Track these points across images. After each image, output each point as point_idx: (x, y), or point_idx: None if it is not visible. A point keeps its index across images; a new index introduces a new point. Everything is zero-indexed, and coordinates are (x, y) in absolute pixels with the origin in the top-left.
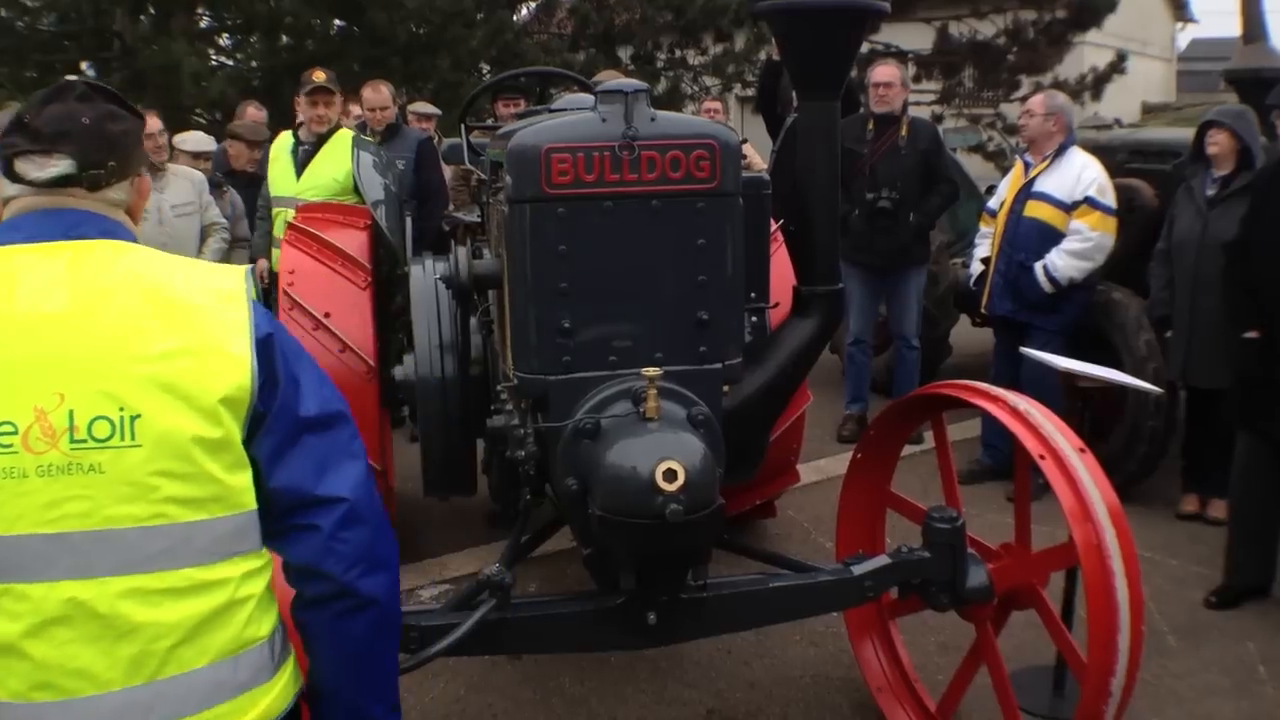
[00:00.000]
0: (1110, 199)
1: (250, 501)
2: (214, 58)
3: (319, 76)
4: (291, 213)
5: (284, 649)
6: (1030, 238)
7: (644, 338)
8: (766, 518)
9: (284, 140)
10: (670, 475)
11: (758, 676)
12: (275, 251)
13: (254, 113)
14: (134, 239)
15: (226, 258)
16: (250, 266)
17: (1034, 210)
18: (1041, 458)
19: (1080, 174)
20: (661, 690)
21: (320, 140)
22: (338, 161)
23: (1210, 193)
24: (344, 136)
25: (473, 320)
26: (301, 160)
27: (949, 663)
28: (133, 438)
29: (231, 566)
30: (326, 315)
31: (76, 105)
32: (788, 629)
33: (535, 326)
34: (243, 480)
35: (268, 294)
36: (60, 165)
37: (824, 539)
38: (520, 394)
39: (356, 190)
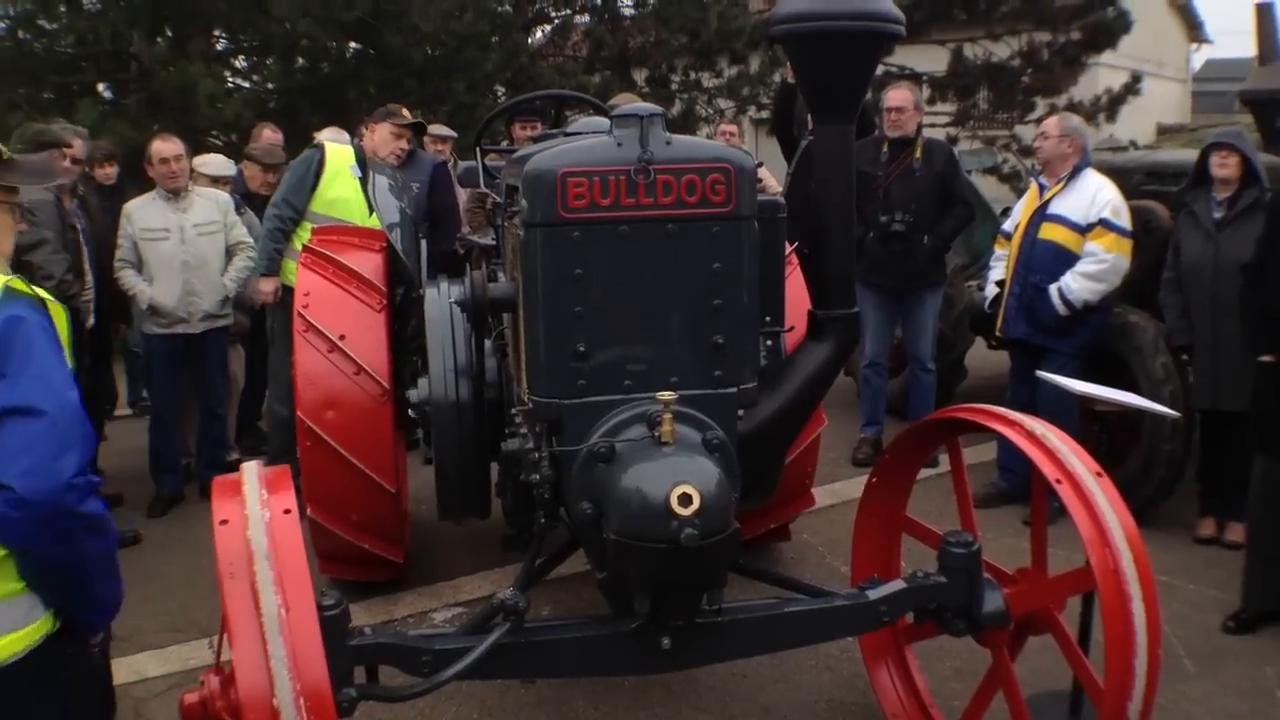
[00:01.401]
0: (1125, 221)
1: None
2: (230, 80)
3: (408, 114)
4: None
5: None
6: (1045, 260)
7: (659, 362)
8: (781, 541)
9: (343, 161)
10: (685, 500)
11: (772, 701)
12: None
13: (270, 135)
14: None
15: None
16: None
17: (1049, 232)
18: (1059, 482)
19: (1095, 196)
20: (675, 714)
21: (368, 174)
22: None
23: (1218, 215)
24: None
25: (487, 343)
26: (368, 192)
27: (964, 688)
28: None
29: None
30: (342, 337)
31: None
32: (802, 653)
33: (550, 350)
34: None
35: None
36: None
37: (839, 562)
38: (535, 418)
39: None
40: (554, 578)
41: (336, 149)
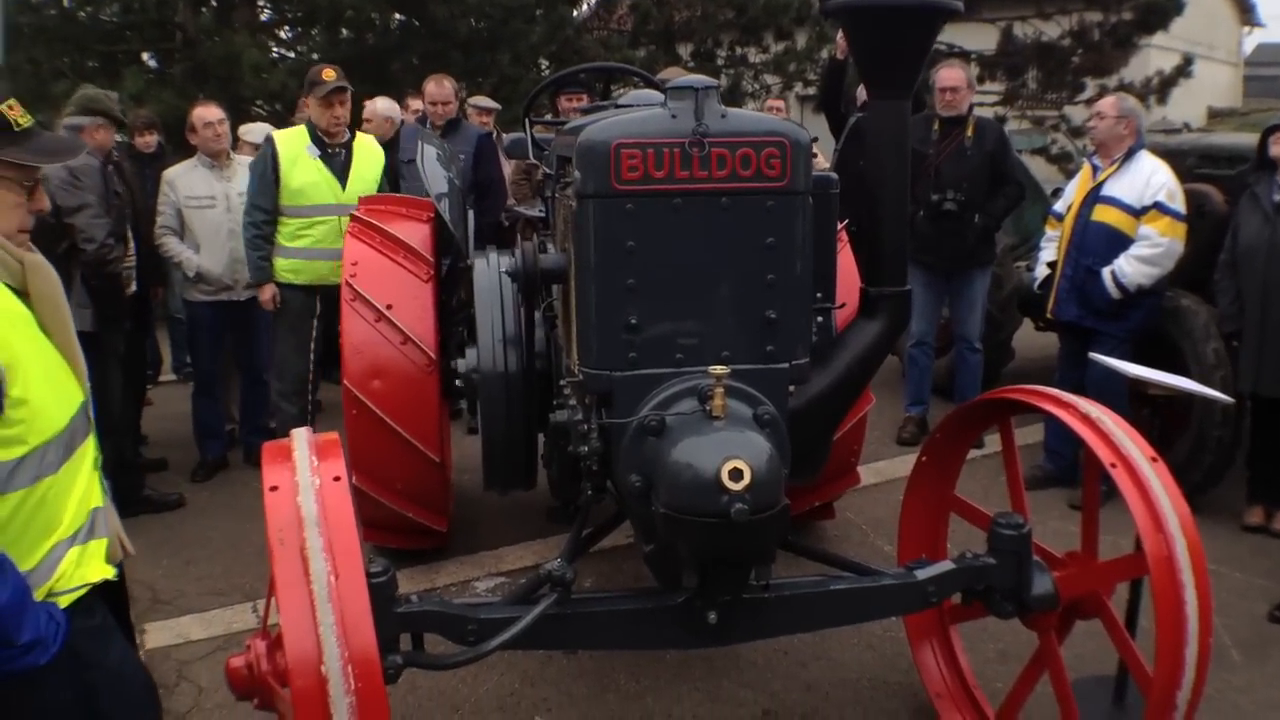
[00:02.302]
0: (1180, 204)
1: None
2: (275, 50)
3: (330, 75)
4: (338, 221)
5: None
6: (1098, 242)
7: (711, 335)
8: (825, 519)
9: (295, 145)
10: (736, 474)
11: (814, 678)
12: (310, 264)
13: None
14: None
15: None
16: None
17: (1102, 214)
18: (1113, 466)
19: (1150, 178)
20: (717, 689)
21: (348, 143)
22: (373, 163)
23: (1278, 198)
24: (365, 139)
25: (536, 315)
26: (340, 166)
27: (1008, 671)
28: None
29: None
30: (389, 307)
31: None
32: (845, 632)
33: (601, 322)
34: None
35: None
36: None
37: (882, 542)
38: (585, 389)
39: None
40: (596, 550)
41: (285, 136)
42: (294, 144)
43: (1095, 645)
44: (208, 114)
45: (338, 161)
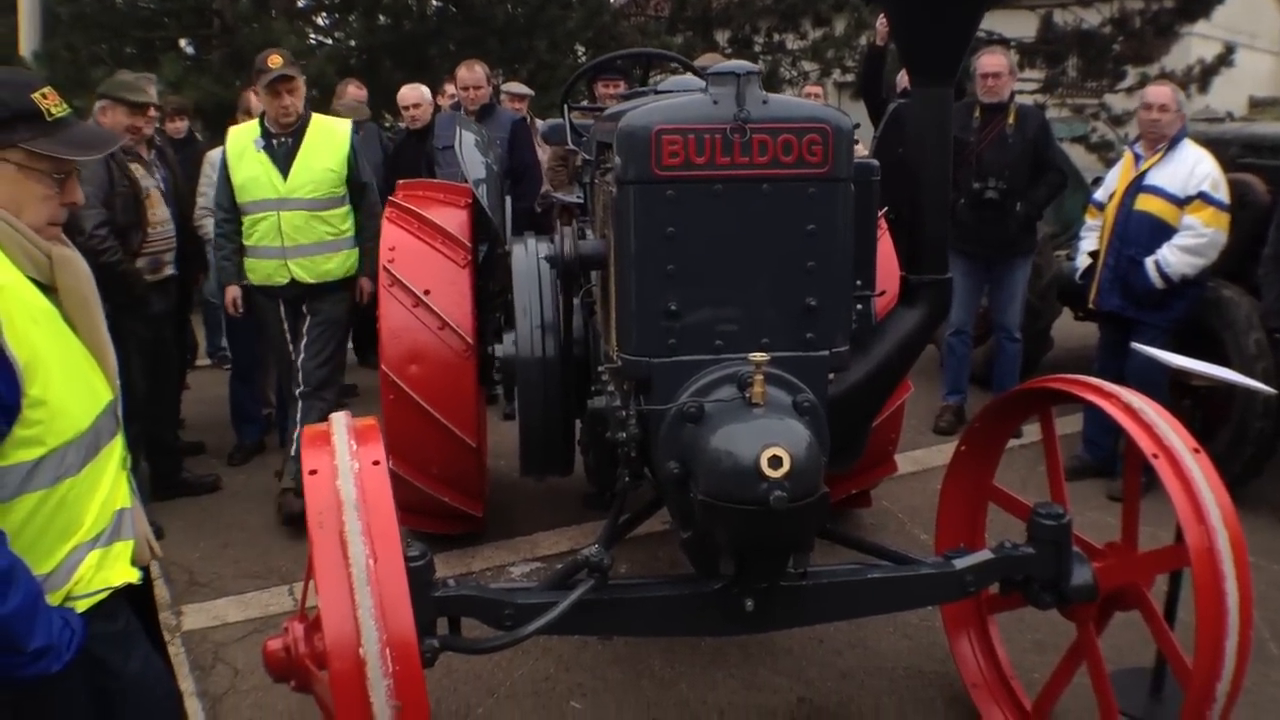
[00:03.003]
0: (1224, 194)
1: None
2: (312, 36)
3: (276, 62)
4: (277, 216)
5: None
6: (1141, 232)
7: (750, 322)
8: (862, 508)
9: (244, 138)
10: (775, 462)
11: (850, 667)
12: (258, 263)
13: (354, 91)
14: None
15: None
16: None
17: (1145, 204)
18: (1155, 457)
19: (1194, 168)
20: (752, 676)
21: (298, 132)
22: (330, 150)
23: None
24: (326, 123)
25: (574, 300)
26: (283, 157)
27: (1044, 661)
28: None
29: None
30: (426, 292)
31: None
32: (881, 621)
33: (641, 308)
34: None
35: (238, 323)
36: None
37: (919, 531)
38: (623, 375)
39: (350, 179)
40: (632, 537)
41: (237, 130)
42: (243, 137)
43: (1132, 637)
44: (246, 102)
45: (282, 152)
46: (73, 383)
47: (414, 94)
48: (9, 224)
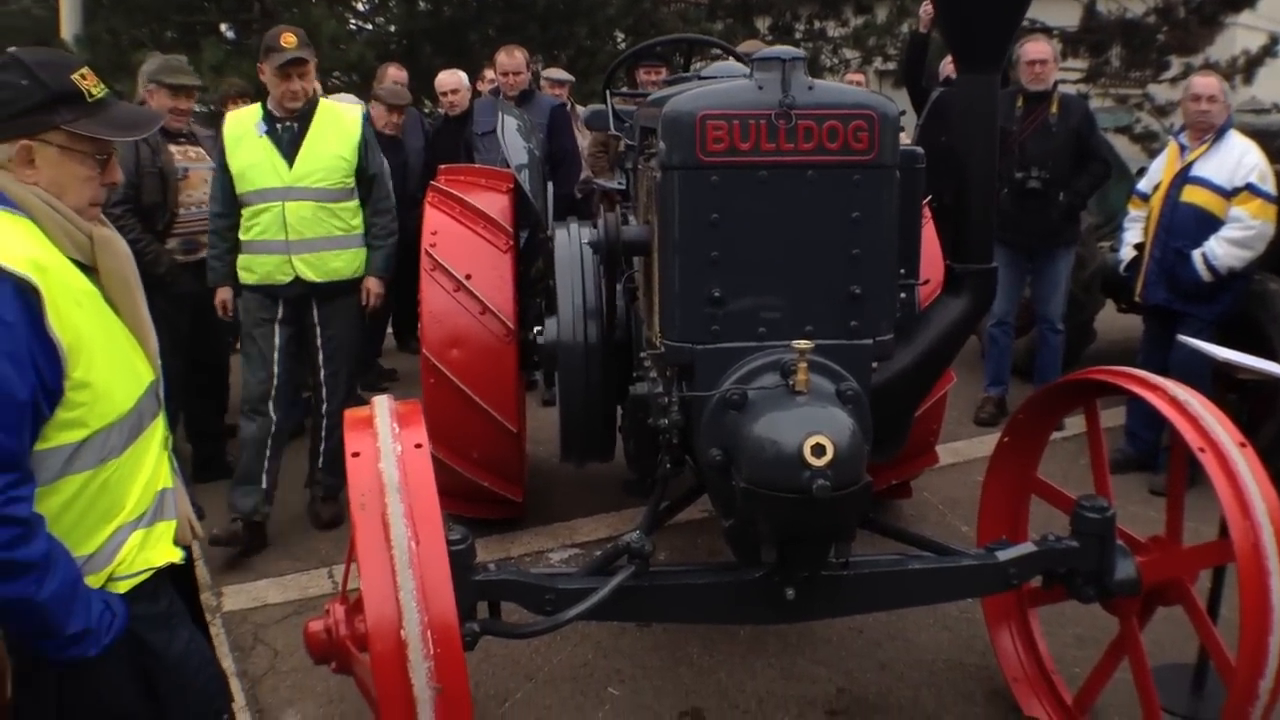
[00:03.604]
0: (1271, 186)
1: None
2: (352, 21)
3: (290, 41)
4: (282, 207)
5: None
6: (1188, 224)
7: (794, 310)
8: (902, 498)
9: (244, 122)
10: (819, 450)
11: (889, 658)
12: (257, 259)
13: (395, 73)
14: (15, 206)
15: None
16: None
17: (1191, 196)
18: (1201, 450)
19: (1241, 159)
20: (791, 666)
21: (304, 115)
22: (340, 136)
23: None
24: (336, 108)
25: (616, 286)
26: (288, 142)
27: (1085, 656)
28: None
29: None
30: (468, 277)
31: None
32: (921, 612)
33: (684, 295)
34: None
35: (233, 327)
36: None
37: (959, 522)
38: (666, 362)
39: (360, 171)
40: (671, 524)
41: (236, 115)
42: (243, 122)
43: (1173, 632)
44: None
45: (287, 137)
46: (115, 364)
47: (452, 79)
48: (50, 205)
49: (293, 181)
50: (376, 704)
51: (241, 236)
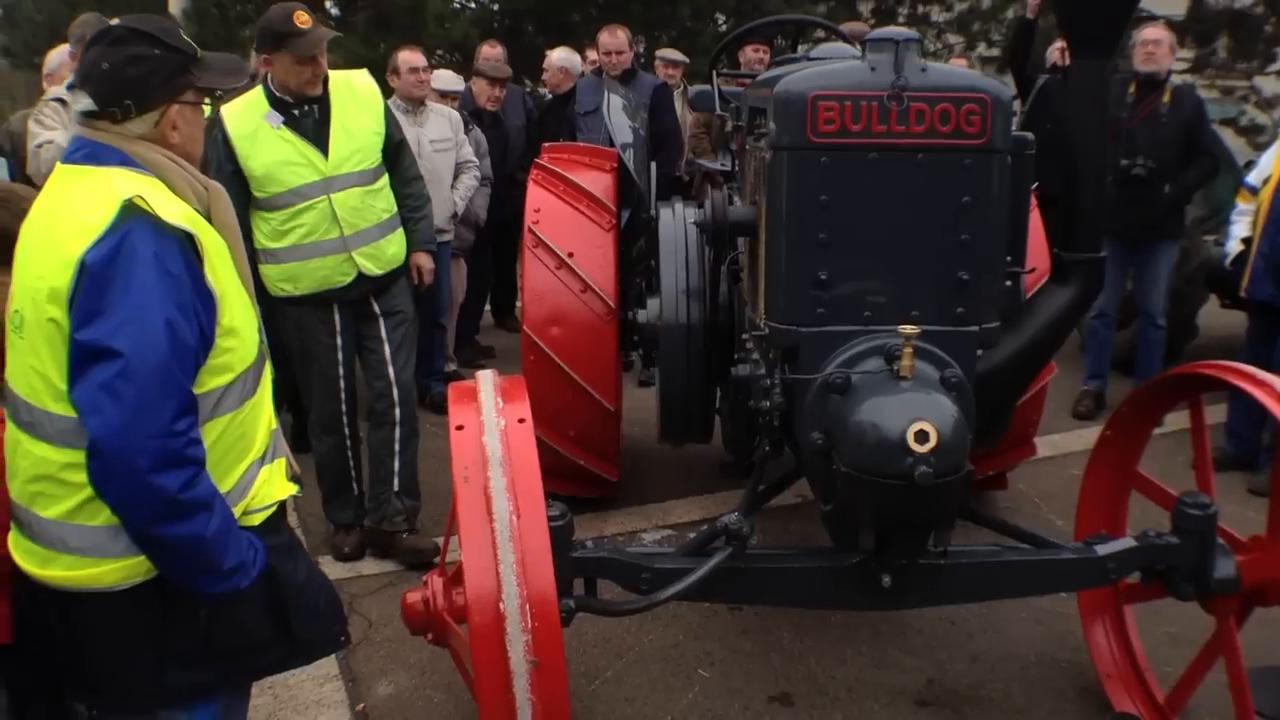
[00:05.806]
0: None
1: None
2: (457, 0)
3: (306, 21)
4: (328, 201)
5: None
6: None
7: (901, 294)
8: (997, 489)
9: (249, 116)
10: (922, 437)
11: (981, 650)
12: (308, 266)
13: (489, 50)
14: (143, 168)
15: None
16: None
17: None
18: None
19: None
20: (881, 655)
21: (320, 97)
22: (366, 108)
23: None
24: (346, 78)
25: (720, 267)
26: (313, 129)
27: (1178, 655)
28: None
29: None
30: (570, 255)
31: (105, 50)
32: (1013, 605)
33: (791, 276)
34: None
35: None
36: (84, 103)
37: (1054, 515)
38: (770, 344)
39: (387, 139)
40: (765, 508)
41: (234, 111)
42: (248, 117)
43: (1268, 635)
44: (414, 59)
45: (309, 124)
46: (245, 310)
47: (569, 59)
48: (175, 162)
49: (332, 171)
50: (473, 676)
51: (272, 244)
